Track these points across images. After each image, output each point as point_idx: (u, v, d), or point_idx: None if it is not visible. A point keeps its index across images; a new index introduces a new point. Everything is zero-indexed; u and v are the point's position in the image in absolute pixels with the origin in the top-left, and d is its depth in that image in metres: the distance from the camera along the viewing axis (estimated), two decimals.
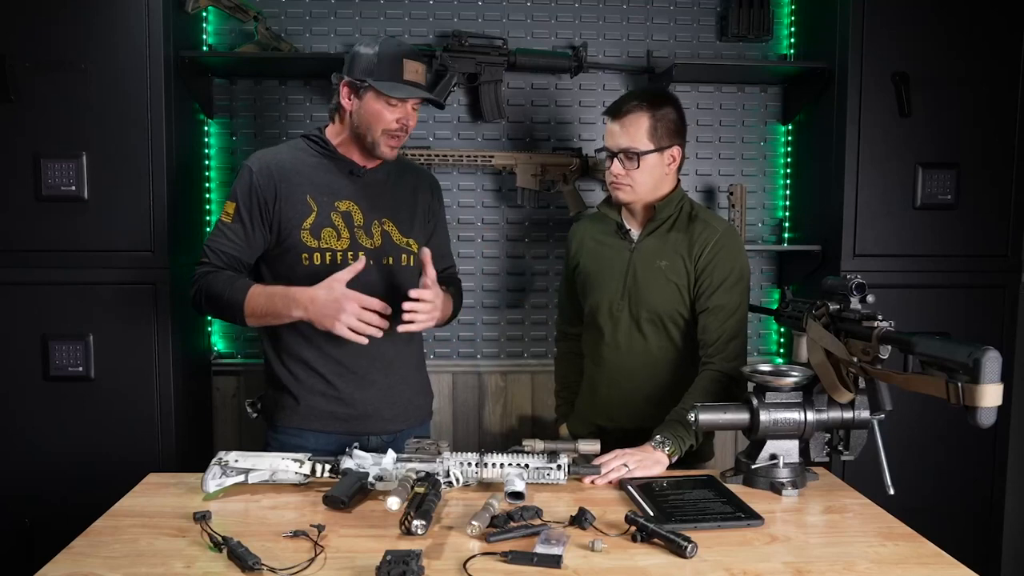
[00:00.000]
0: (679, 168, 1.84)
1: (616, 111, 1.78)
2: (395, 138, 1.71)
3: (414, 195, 1.84)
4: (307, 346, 1.73)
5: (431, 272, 1.65)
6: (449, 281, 1.88)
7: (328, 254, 1.70)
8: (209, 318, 2.49)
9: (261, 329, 1.78)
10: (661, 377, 1.82)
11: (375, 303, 1.59)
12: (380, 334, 1.60)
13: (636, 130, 1.75)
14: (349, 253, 1.71)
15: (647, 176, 1.77)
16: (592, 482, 1.55)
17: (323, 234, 1.71)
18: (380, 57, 1.67)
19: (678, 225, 1.82)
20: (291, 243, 1.70)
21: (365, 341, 1.59)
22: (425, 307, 1.64)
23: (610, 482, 1.54)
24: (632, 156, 1.75)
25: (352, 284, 1.60)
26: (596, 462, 1.56)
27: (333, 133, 1.77)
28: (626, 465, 1.55)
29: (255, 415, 1.82)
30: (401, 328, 1.64)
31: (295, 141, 1.81)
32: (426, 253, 1.66)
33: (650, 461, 1.58)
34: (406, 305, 1.62)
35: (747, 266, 1.83)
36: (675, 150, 1.80)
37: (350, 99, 1.71)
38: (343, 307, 1.56)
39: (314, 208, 1.71)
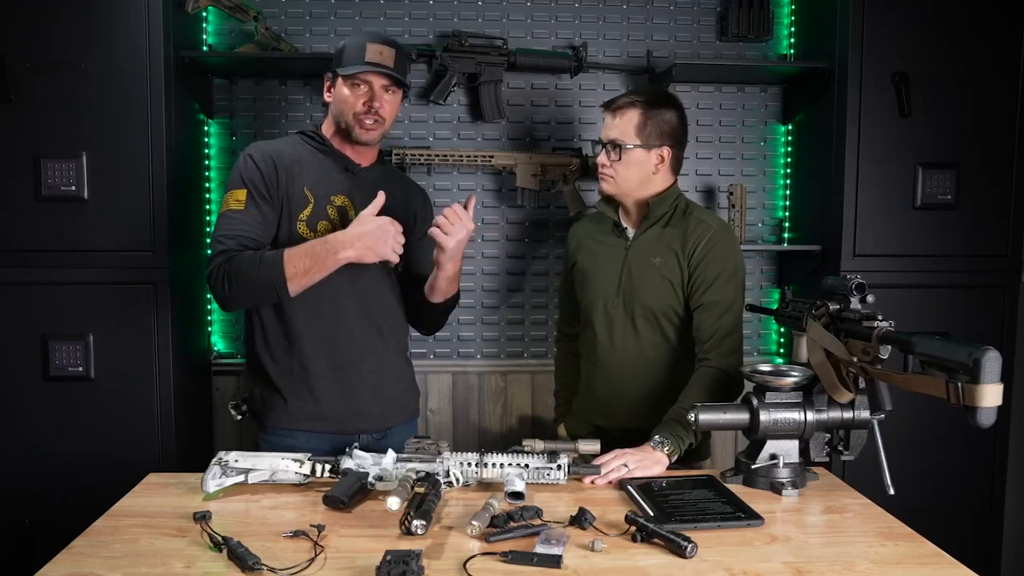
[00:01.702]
0: (676, 170, 1.84)
1: (610, 103, 1.83)
2: (368, 120, 1.71)
3: (406, 201, 1.85)
4: (295, 344, 1.72)
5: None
6: None
7: None
8: (209, 318, 2.49)
9: (249, 327, 1.78)
10: (656, 375, 1.82)
11: (398, 224, 1.63)
12: None
13: (625, 124, 1.78)
14: None
15: (630, 171, 1.79)
16: (592, 482, 1.55)
17: (319, 227, 1.71)
18: (347, 46, 1.72)
19: (672, 222, 1.82)
20: (287, 235, 1.70)
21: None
22: (455, 218, 1.63)
23: (610, 482, 1.54)
24: (616, 148, 1.78)
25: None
26: (596, 462, 1.56)
27: (327, 129, 1.79)
28: (626, 465, 1.55)
29: (239, 417, 1.81)
30: (432, 231, 1.65)
31: (291, 136, 1.82)
32: (472, 199, 1.69)
33: (650, 461, 1.58)
34: (447, 211, 1.64)
35: (741, 263, 1.83)
36: (664, 151, 1.80)
37: (329, 91, 1.76)
38: (388, 229, 1.60)
39: (311, 200, 1.71)
